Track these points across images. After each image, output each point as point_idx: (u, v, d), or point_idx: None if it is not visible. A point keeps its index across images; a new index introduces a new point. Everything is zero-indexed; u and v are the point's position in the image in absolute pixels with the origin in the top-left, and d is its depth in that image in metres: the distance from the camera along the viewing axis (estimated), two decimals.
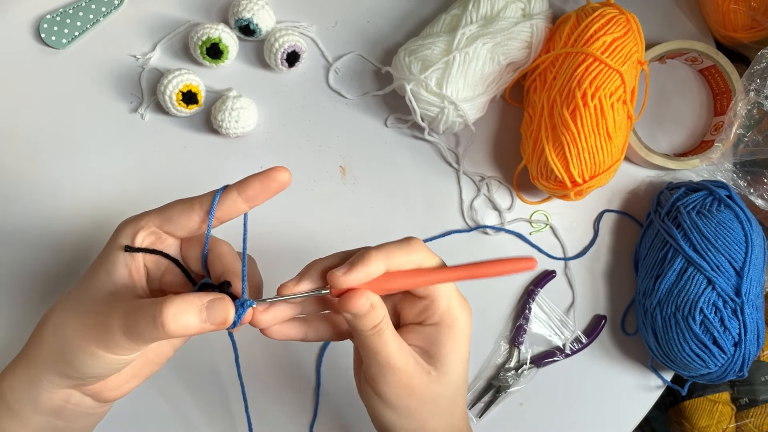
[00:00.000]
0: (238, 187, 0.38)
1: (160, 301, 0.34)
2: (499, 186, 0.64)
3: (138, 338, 0.35)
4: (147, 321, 0.34)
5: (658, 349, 0.59)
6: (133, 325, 0.34)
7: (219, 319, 0.35)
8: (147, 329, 0.34)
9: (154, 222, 0.38)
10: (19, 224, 0.61)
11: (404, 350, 0.40)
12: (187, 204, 0.38)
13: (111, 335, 0.35)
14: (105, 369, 0.37)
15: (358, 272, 0.37)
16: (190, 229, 0.38)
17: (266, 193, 0.38)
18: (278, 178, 0.37)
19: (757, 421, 0.69)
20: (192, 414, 0.61)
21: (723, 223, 0.57)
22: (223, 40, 0.59)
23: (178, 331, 0.34)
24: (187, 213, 0.38)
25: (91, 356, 0.36)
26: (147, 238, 0.38)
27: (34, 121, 0.61)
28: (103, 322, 0.35)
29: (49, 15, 0.61)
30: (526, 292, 0.64)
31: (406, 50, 0.59)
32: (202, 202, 0.38)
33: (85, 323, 0.36)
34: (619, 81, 0.55)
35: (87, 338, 0.36)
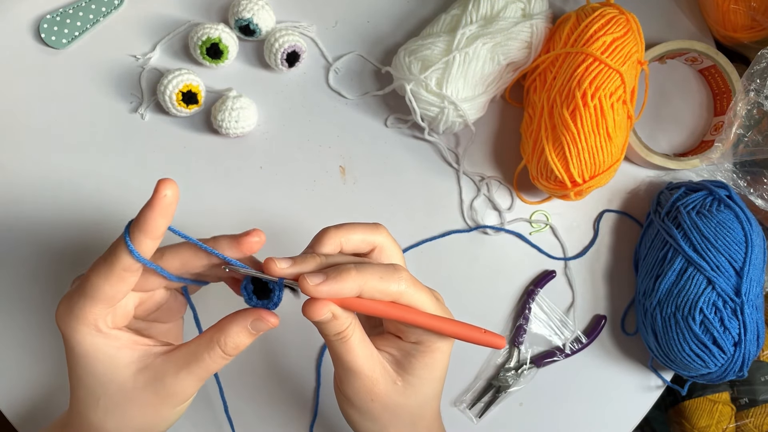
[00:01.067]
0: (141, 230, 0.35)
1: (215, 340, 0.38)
2: (499, 186, 0.64)
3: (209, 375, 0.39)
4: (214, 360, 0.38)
5: (658, 349, 0.59)
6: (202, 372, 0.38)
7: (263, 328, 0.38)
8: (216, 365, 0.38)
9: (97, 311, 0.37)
10: (20, 224, 0.61)
11: (371, 357, 0.40)
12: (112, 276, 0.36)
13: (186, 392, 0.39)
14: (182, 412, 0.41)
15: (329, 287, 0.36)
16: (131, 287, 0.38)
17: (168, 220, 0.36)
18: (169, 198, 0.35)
19: (757, 421, 0.69)
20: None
21: (723, 223, 0.57)
22: (223, 40, 0.59)
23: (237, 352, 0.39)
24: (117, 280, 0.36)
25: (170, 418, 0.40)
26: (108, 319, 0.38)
27: (34, 121, 0.61)
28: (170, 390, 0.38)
29: (49, 15, 0.61)
30: (526, 292, 0.64)
31: (406, 50, 0.59)
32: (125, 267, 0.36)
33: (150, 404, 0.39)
34: (619, 81, 0.55)
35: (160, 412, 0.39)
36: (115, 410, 0.39)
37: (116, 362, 0.38)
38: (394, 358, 0.42)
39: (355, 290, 0.37)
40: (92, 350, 0.38)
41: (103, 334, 0.38)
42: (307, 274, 0.37)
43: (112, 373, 0.38)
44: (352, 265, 0.37)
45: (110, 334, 0.38)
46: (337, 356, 0.40)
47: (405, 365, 0.41)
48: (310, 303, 0.37)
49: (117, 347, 0.38)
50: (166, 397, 0.38)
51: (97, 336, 0.37)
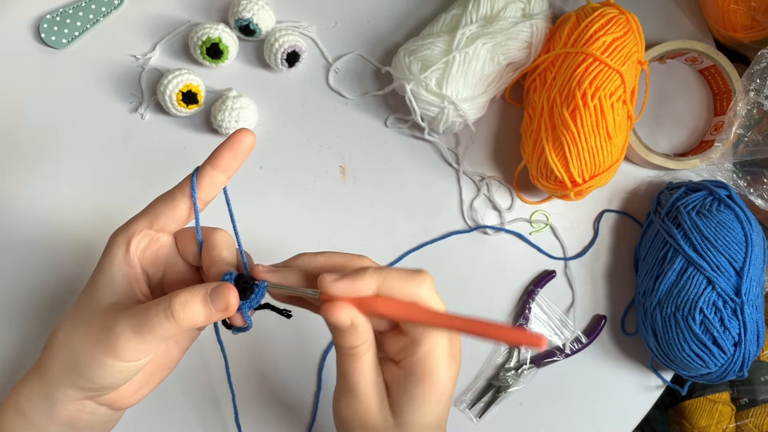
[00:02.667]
0: (211, 162, 0.39)
1: (166, 296, 0.35)
2: (499, 186, 0.64)
3: (149, 335, 0.35)
4: (159, 315, 0.35)
5: (658, 349, 0.59)
6: (143, 323, 0.35)
7: (222, 304, 0.36)
8: (159, 323, 0.35)
9: (143, 224, 0.39)
10: (20, 224, 0.61)
11: (375, 385, 0.38)
12: (168, 196, 0.39)
13: (119, 340, 0.35)
14: (117, 378, 0.37)
15: (347, 283, 0.36)
16: (179, 218, 0.39)
17: (237, 158, 0.38)
18: (244, 141, 0.38)
19: (757, 421, 0.69)
20: (186, 416, 0.61)
21: (723, 223, 0.57)
22: (223, 40, 0.59)
23: (188, 320, 0.35)
24: (170, 204, 0.39)
25: (102, 366, 0.36)
26: (141, 242, 0.39)
27: (34, 121, 0.61)
28: (110, 329, 0.36)
29: (49, 15, 0.61)
30: (526, 292, 0.64)
31: (406, 50, 0.59)
32: (182, 188, 0.39)
33: (93, 334, 0.36)
34: (619, 81, 0.55)
35: (96, 349, 0.36)
36: (73, 323, 0.38)
37: (111, 283, 0.38)
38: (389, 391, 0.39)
39: (372, 287, 0.36)
40: (108, 262, 0.38)
41: (127, 255, 0.38)
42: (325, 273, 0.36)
43: (100, 291, 0.38)
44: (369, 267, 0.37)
45: (130, 258, 0.38)
46: (345, 372, 0.38)
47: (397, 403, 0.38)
48: (331, 305, 0.36)
49: (123, 272, 0.38)
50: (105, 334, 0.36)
51: (122, 252, 0.38)
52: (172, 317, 0.35)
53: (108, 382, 0.37)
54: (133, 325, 0.35)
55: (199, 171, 0.39)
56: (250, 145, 0.39)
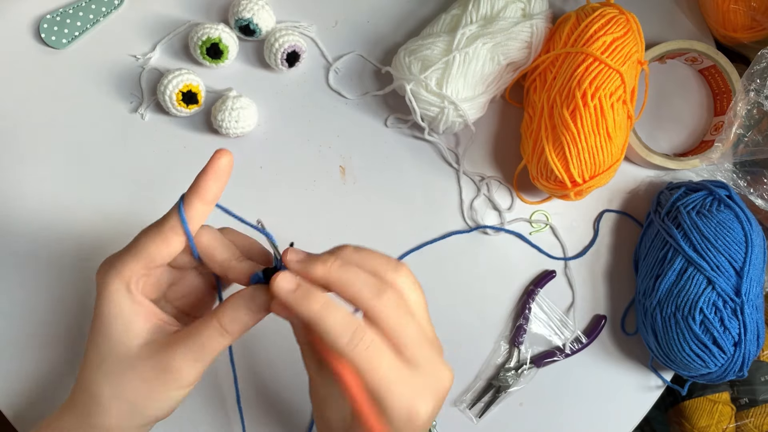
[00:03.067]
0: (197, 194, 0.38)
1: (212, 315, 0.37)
2: (499, 186, 0.64)
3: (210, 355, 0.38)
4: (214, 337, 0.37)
5: (658, 349, 0.59)
6: (201, 348, 0.37)
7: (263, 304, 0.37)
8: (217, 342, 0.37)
9: (138, 266, 0.38)
10: (20, 224, 0.61)
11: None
12: (157, 234, 0.38)
13: (183, 372, 0.38)
14: (179, 400, 0.40)
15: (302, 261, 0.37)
16: (174, 252, 0.39)
17: (220, 183, 0.39)
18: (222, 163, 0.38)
19: (757, 421, 0.69)
20: (187, 412, 0.61)
21: (723, 223, 0.57)
22: (223, 40, 0.59)
23: (241, 330, 0.38)
24: (164, 243, 0.38)
25: (166, 400, 0.39)
26: (140, 281, 0.39)
27: (34, 121, 0.61)
28: (169, 367, 0.38)
29: (49, 15, 0.61)
30: (526, 292, 0.64)
31: (406, 50, 0.59)
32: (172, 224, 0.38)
33: (147, 380, 0.38)
34: (619, 81, 0.55)
35: (157, 390, 0.38)
36: (113, 375, 0.38)
37: (130, 327, 0.38)
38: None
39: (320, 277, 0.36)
40: (114, 309, 0.38)
41: (131, 295, 0.38)
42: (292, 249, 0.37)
43: (122, 337, 0.38)
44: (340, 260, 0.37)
45: (136, 297, 0.39)
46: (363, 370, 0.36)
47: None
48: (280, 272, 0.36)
49: (136, 312, 0.39)
50: (163, 372, 0.38)
51: (125, 295, 0.38)
52: (227, 333, 0.37)
53: (169, 411, 0.40)
54: (192, 355, 0.37)
55: (185, 202, 0.38)
56: (229, 166, 0.39)
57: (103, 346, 0.39)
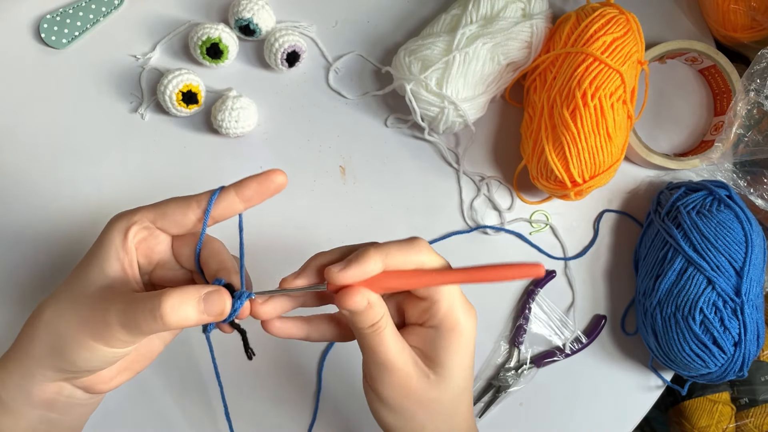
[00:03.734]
0: (236, 188, 0.38)
1: (158, 293, 0.34)
2: (499, 186, 0.64)
3: (136, 331, 0.35)
4: (145, 313, 0.34)
5: (658, 349, 0.59)
6: (131, 317, 0.35)
7: (216, 310, 0.35)
8: (146, 321, 0.34)
9: (148, 217, 0.38)
10: (20, 224, 0.61)
11: (404, 351, 0.40)
12: (183, 202, 0.38)
13: (108, 328, 0.35)
14: (100, 362, 0.37)
15: (354, 270, 0.37)
16: (185, 226, 0.38)
17: (263, 194, 0.38)
18: (275, 180, 0.38)
19: (757, 421, 0.69)
20: (176, 414, 0.61)
21: (723, 223, 0.57)
22: (223, 40, 0.59)
23: (177, 323, 0.34)
24: (182, 210, 0.38)
25: (87, 349, 0.36)
26: (139, 233, 0.38)
27: (34, 121, 0.61)
28: (101, 315, 0.35)
29: (49, 15, 0.61)
30: (526, 291, 0.64)
31: (406, 50, 0.59)
32: (199, 200, 0.38)
33: (81, 317, 0.36)
34: (619, 81, 0.55)
35: (83, 332, 0.36)
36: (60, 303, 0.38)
37: (104, 265, 0.38)
38: (421, 351, 0.41)
39: (379, 266, 0.37)
40: (104, 243, 0.38)
41: (124, 240, 0.38)
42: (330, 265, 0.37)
43: (92, 271, 0.38)
44: (369, 244, 0.38)
45: (128, 243, 0.38)
46: (371, 350, 0.39)
47: (432, 357, 0.40)
48: (345, 293, 0.37)
49: (117, 256, 0.38)
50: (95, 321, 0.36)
51: (119, 236, 0.38)
52: (160, 319, 0.34)
53: (90, 366, 0.37)
54: (122, 319, 0.35)
55: (221, 192, 0.38)
56: (279, 187, 0.38)
57: (75, 274, 0.38)
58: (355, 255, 0.37)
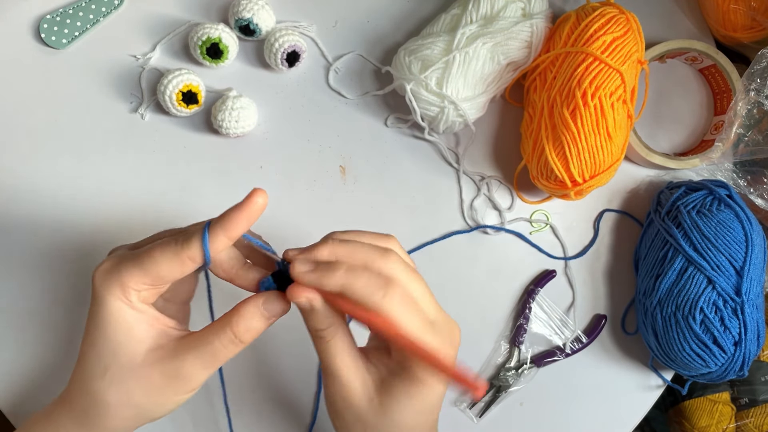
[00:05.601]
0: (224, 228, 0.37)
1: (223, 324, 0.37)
2: (499, 186, 0.64)
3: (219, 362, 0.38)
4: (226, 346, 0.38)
5: (659, 348, 0.59)
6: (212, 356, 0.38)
7: (277, 311, 0.38)
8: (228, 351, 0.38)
9: (142, 281, 0.38)
10: (19, 224, 0.61)
11: (352, 366, 0.39)
12: (175, 260, 0.37)
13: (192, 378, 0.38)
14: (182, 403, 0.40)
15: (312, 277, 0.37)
16: (184, 273, 0.38)
17: (250, 222, 0.37)
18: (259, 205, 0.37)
19: (757, 421, 0.69)
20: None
21: (723, 223, 0.57)
22: (223, 40, 0.59)
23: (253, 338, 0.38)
24: (178, 268, 0.37)
25: (173, 404, 0.39)
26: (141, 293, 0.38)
27: (34, 121, 0.61)
28: (178, 373, 0.38)
29: (49, 15, 0.61)
30: (527, 291, 0.64)
31: (406, 50, 0.59)
32: (192, 257, 0.37)
33: (156, 384, 0.38)
34: (619, 80, 0.55)
35: (164, 394, 0.38)
36: (120, 383, 0.38)
37: (134, 334, 0.38)
38: (380, 374, 0.40)
39: (336, 288, 0.37)
40: (116, 316, 0.38)
41: (131, 303, 0.38)
42: (298, 260, 0.38)
43: (126, 344, 0.38)
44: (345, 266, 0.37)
45: (137, 305, 0.38)
46: (319, 354, 0.40)
47: (386, 385, 0.39)
48: (294, 285, 0.38)
49: (138, 320, 0.38)
50: (173, 379, 0.38)
51: (125, 303, 0.38)
52: (239, 341, 0.38)
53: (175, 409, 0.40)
54: (202, 363, 0.38)
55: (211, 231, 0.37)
56: (263, 207, 0.37)
57: (105, 353, 0.38)
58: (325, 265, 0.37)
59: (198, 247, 0.37)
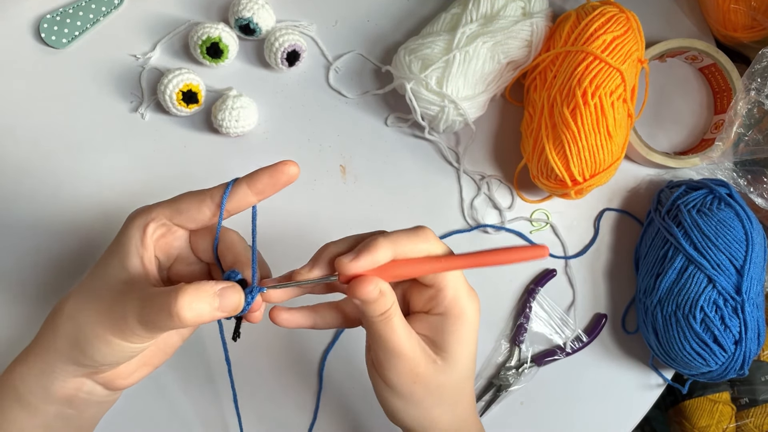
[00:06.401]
0: (248, 181, 0.38)
1: (173, 290, 0.34)
2: (499, 185, 0.64)
3: (153, 327, 0.35)
4: (162, 311, 0.34)
5: (659, 347, 0.59)
6: (147, 314, 0.35)
7: (230, 306, 0.36)
8: (161, 319, 0.34)
9: (165, 214, 0.39)
10: (20, 225, 0.61)
11: (411, 338, 0.40)
12: (197, 197, 0.39)
13: (126, 323, 0.36)
14: (119, 357, 0.38)
15: (365, 259, 0.37)
16: (201, 221, 0.39)
17: (275, 186, 0.38)
18: (287, 171, 0.38)
19: (757, 421, 0.69)
20: (185, 412, 0.61)
21: (723, 222, 0.57)
22: (223, 40, 0.59)
23: (192, 320, 0.34)
24: (197, 206, 0.38)
25: (106, 344, 0.36)
26: (158, 230, 0.39)
27: (34, 121, 0.61)
28: (119, 310, 0.36)
29: (49, 15, 0.61)
30: (527, 290, 0.64)
31: (406, 49, 0.59)
32: (213, 195, 0.38)
33: (101, 311, 0.37)
34: (619, 79, 0.55)
35: (103, 325, 0.36)
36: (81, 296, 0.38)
37: (123, 260, 0.38)
38: (428, 337, 0.41)
39: (389, 255, 0.38)
40: (124, 240, 0.39)
41: (143, 236, 0.39)
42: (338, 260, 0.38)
43: (111, 266, 0.38)
44: (378, 233, 0.39)
45: (147, 240, 0.39)
46: (382, 338, 0.40)
47: (438, 343, 0.41)
48: (357, 282, 0.37)
49: (136, 252, 0.38)
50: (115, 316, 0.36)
51: (138, 232, 0.38)
52: (176, 317, 0.34)
53: (109, 360, 0.38)
54: (138, 315, 0.35)
55: (234, 185, 0.38)
56: (291, 178, 0.38)
57: (94, 270, 0.39)
58: (364, 244, 0.38)
59: (219, 190, 0.38)
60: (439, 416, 0.42)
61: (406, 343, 0.40)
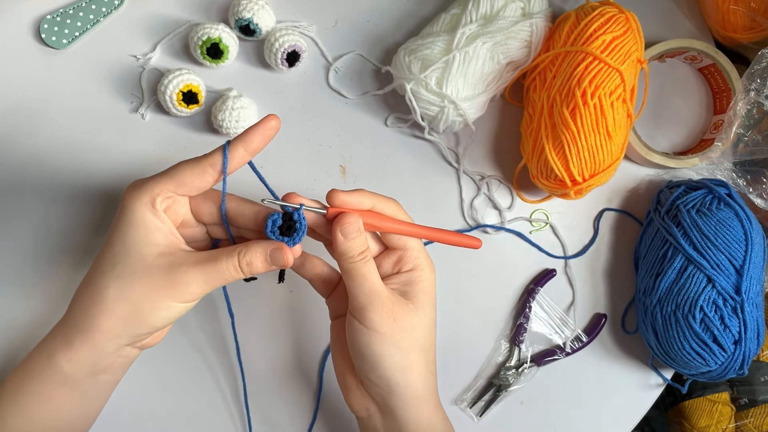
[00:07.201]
0: (244, 143, 0.42)
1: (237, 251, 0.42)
2: (499, 185, 0.64)
3: (219, 282, 0.42)
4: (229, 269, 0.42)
5: (659, 347, 0.59)
6: (215, 273, 0.41)
7: (280, 263, 0.43)
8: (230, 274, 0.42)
9: (168, 188, 0.42)
10: (20, 224, 0.61)
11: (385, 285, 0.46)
12: (197, 166, 0.42)
13: (187, 286, 0.41)
14: (175, 317, 0.43)
15: (351, 197, 0.44)
16: (204, 188, 0.42)
17: (264, 141, 0.42)
18: (274, 126, 0.42)
19: (757, 421, 0.69)
20: (185, 412, 0.61)
21: (723, 222, 0.57)
22: (223, 40, 0.59)
23: (252, 273, 0.43)
24: (199, 175, 0.42)
25: (166, 309, 0.41)
26: (164, 202, 0.42)
27: (34, 122, 0.61)
28: (177, 278, 0.41)
29: (49, 15, 0.61)
30: (527, 290, 0.64)
31: (405, 49, 0.60)
32: (212, 161, 0.42)
33: (158, 285, 0.41)
34: (618, 80, 0.55)
35: (161, 295, 0.41)
36: (125, 277, 0.41)
37: (149, 237, 0.42)
38: (398, 290, 0.47)
39: (370, 204, 0.45)
40: (139, 219, 0.42)
41: (154, 211, 0.42)
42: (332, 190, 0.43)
43: (142, 244, 0.41)
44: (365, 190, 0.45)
45: (159, 213, 0.42)
46: (362, 278, 0.44)
47: (407, 292, 0.46)
48: (342, 215, 0.43)
49: (157, 226, 0.42)
50: (174, 284, 0.41)
51: (149, 208, 0.42)
52: (241, 271, 0.42)
53: (166, 323, 0.43)
54: (205, 277, 0.41)
55: (230, 148, 0.41)
56: (276, 129, 0.42)
57: (119, 250, 0.42)
58: (352, 190, 0.44)
59: (218, 155, 0.42)
60: (416, 360, 0.46)
61: (382, 285, 0.45)
